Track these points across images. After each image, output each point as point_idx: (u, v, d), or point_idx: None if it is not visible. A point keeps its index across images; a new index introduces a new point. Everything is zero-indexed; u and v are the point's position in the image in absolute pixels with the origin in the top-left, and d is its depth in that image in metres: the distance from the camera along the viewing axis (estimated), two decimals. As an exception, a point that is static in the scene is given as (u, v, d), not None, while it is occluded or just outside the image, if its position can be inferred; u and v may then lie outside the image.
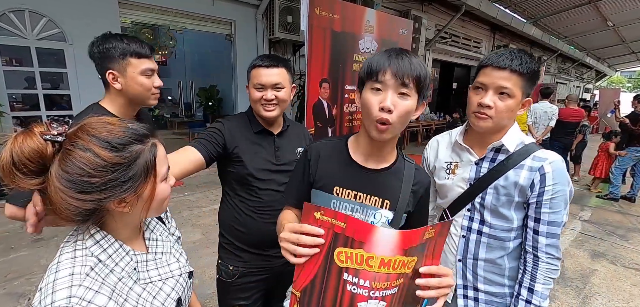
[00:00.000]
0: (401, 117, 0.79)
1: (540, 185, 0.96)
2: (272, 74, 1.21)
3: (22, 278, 2.51)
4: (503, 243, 1.05)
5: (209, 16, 4.78)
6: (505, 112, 0.96)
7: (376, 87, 0.79)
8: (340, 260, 0.66)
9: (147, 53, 1.18)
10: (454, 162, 1.12)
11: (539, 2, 8.24)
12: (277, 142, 1.30)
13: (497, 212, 1.03)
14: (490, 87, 0.97)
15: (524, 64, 0.94)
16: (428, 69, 0.84)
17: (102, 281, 0.61)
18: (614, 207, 4.91)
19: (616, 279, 2.99)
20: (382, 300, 0.67)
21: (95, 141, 0.57)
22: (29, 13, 3.57)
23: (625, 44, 12.89)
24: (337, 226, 0.66)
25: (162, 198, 0.68)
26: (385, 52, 0.82)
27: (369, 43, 4.47)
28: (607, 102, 11.42)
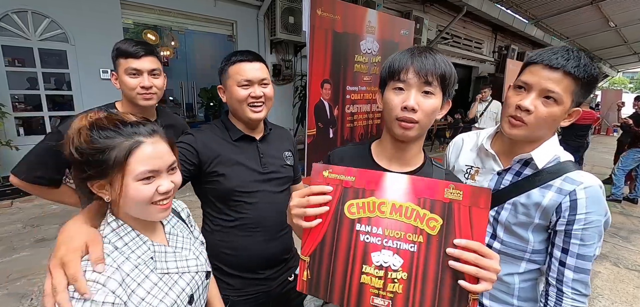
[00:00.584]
0: (427, 116, 0.76)
1: (570, 212, 0.82)
2: (257, 68, 1.10)
3: (24, 279, 2.52)
4: (515, 261, 0.94)
5: (210, 17, 4.79)
6: (547, 120, 0.82)
7: (399, 86, 0.76)
8: (351, 212, 0.66)
9: (135, 52, 1.18)
10: (475, 167, 1.02)
11: (541, 3, 8.22)
12: (260, 148, 1.17)
13: (511, 231, 0.92)
14: (535, 88, 0.82)
15: (582, 66, 0.79)
16: (454, 70, 0.79)
17: (117, 267, 0.64)
18: (616, 208, 4.89)
19: (619, 281, 2.98)
20: (397, 253, 0.63)
21: (87, 127, 0.64)
22: (31, 14, 3.59)
23: (627, 45, 12.84)
24: (346, 181, 0.66)
25: (134, 197, 0.65)
26: (407, 50, 0.78)
27: (371, 44, 4.47)
28: (609, 103, 11.39)
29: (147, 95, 1.22)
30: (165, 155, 0.69)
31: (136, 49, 1.18)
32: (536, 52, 0.87)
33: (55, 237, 1.07)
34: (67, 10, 3.72)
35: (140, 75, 1.20)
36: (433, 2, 7.31)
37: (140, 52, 1.19)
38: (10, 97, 3.76)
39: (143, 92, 1.21)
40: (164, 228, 0.82)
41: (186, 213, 0.95)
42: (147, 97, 1.22)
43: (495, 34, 9.92)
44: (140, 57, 1.19)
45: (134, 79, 1.19)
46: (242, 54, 1.11)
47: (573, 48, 0.84)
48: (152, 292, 0.68)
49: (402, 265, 0.63)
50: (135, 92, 1.20)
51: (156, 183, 0.67)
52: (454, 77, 0.78)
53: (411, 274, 0.62)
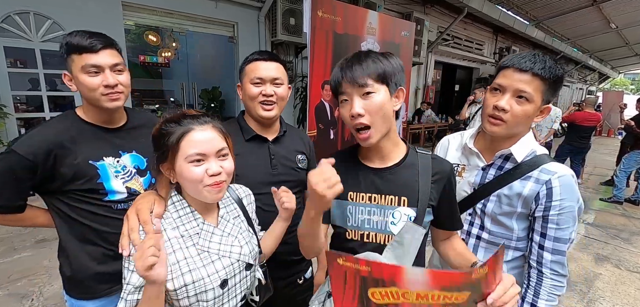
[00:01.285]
0: (374, 114, 0.79)
1: (546, 199, 0.92)
2: (271, 67, 1.12)
3: (25, 279, 2.52)
4: None
5: (211, 18, 4.80)
6: (521, 118, 0.92)
7: (343, 99, 0.82)
8: (376, 298, 0.65)
9: (91, 45, 0.96)
10: (461, 165, 1.11)
11: (542, 4, 8.22)
12: (272, 150, 1.17)
13: (497, 221, 1.01)
14: (509, 89, 0.92)
15: (548, 68, 0.89)
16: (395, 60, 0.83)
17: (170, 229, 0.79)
18: (617, 210, 4.87)
19: (621, 283, 2.97)
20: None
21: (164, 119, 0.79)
22: (33, 15, 3.60)
23: (628, 46, 12.82)
24: (363, 270, 0.64)
25: (187, 176, 0.76)
26: (340, 64, 0.83)
27: (371, 45, 4.48)
28: (610, 105, 11.37)
29: (114, 95, 1.01)
30: (213, 140, 0.78)
31: (92, 41, 0.96)
32: (508, 58, 0.96)
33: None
34: (69, 11, 3.73)
35: (102, 72, 0.98)
36: (434, 4, 7.31)
37: (97, 44, 0.97)
38: (12, 98, 3.78)
39: (108, 92, 1.00)
40: (218, 211, 0.90)
41: (248, 200, 1.01)
42: (113, 98, 1.01)
43: (496, 36, 9.91)
44: (98, 51, 0.97)
45: (94, 77, 0.98)
46: (260, 53, 1.14)
47: (539, 53, 0.93)
48: (187, 260, 0.77)
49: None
50: (98, 93, 0.99)
51: (206, 165, 0.77)
52: (393, 67, 0.81)
53: None
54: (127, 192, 1.07)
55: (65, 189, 0.99)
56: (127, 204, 1.06)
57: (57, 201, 1.02)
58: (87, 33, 0.98)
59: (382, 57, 0.82)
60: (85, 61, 0.97)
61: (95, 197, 1.02)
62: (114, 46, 1.04)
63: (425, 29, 6.93)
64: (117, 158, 1.07)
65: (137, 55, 8.11)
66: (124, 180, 1.07)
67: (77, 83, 1.00)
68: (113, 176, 1.04)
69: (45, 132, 0.97)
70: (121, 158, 1.08)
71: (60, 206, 1.03)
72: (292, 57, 5.65)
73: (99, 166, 1.02)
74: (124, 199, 1.06)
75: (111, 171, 1.04)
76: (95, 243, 1.05)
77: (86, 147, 1.01)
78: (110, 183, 1.03)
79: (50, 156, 0.95)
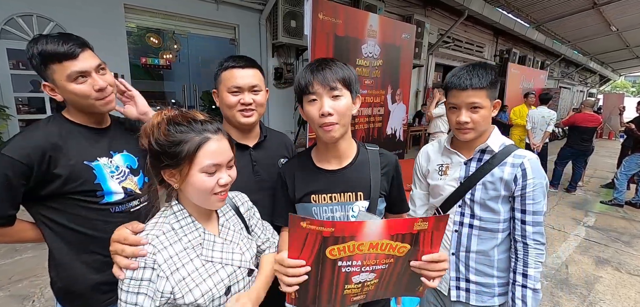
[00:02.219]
0: (342, 115, 0.90)
1: (522, 179, 1.07)
2: (249, 75, 1.09)
3: (26, 280, 2.53)
4: (493, 234, 1.14)
5: (213, 20, 4.82)
6: (482, 121, 1.08)
7: (312, 98, 0.90)
8: (333, 254, 0.74)
9: (71, 52, 0.90)
10: (445, 164, 1.23)
11: (542, 7, 8.23)
12: (253, 156, 1.15)
13: (486, 206, 1.13)
14: (462, 105, 1.08)
15: (482, 78, 1.05)
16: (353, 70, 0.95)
17: (169, 244, 0.76)
18: (618, 213, 4.87)
19: (621, 286, 2.96)
20: (372, 271, 0.78)
21: (165, 122, 0.75)
22: (36, 17, 3.63)
23: (629, 49, 12.82)
24: (325, 231, 0.71)
25: (199, 187, 0.75)
26: (307, 67, 0.92)
27: (372, 47, 4.49)
28: (611, 107, 11.36)
29: (108, 97, 1.00)
30: (226, 151, 0.79)
31: (69, 46, 0.90)
32: (448, 80, 1.12)
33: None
34: (71, 14, 3.76)
35: (89, 76, 0.94)
36: (434, 6, 7.33)
37: (75, 49, 0.91)
38: (15, 99, 3.80)
39: (101, 96, 0.97)
40: (218, 219, 0.89)
41: (246, 207, 1.00)
42: (108, 100, 1.00)
43: (497, 38, 9.93)
44: (78, 56, 0.92)
45: (83, 84, 0.93)
46: (235, 60, 1.10)
47: (470, 65, 1.08)
48: (192, 275, 0.76)
49: (375, 277, 0.79)
50: (92, 99, 0.96)
51: (217, 176, 0.77)
52: (355, 77, 0.94)
53: (382, 278, 0.80)
54: (124, 193, 1.03)
55: (60, 193, 0.93)
56: (125, 206, 1.03)
57: (48, 209, 0.96)
58: (57, 38, 0.90)
59: (345, 66, 0.93)
60: (70, 69, 0.91)
61: (92, 201, 0.97)
62: (89, 46, 0.98)
63: (426, 32, 6.94)
64: (109, 158, 1.04)
65: (138, 57, 8.14)
66: (119, 180, 1.03)
67: (65, 92, 0.94)
68: (109, 176, 1.01)
69: (35, 134, 0.92)
70: (113, 158, 1.05)
71: (51, 215, 0.96)
72: (293, 60, 5.66)
73: (94, 166, 0.98)
74: (121, 200, 1.02)
75: (107, 171, 1.01)
76: (93, 251, 0.99)
77: (79, 148, 0.97)
78: (107, 183, 0.99)
79: (44, 158, 0.90)
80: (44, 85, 0.95)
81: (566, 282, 2.95)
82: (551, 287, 2.87)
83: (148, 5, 4.24)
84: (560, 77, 14.77)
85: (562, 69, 14.82)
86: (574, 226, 4.26)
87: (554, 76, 14.08)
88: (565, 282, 2.95)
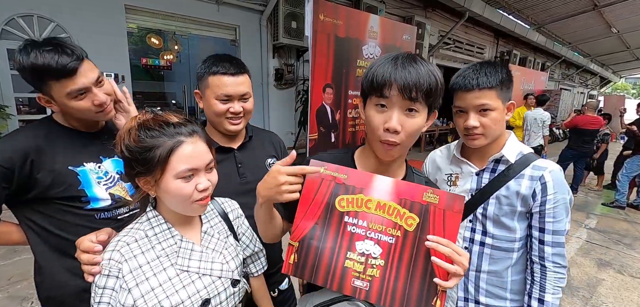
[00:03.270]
0: (410, 136, 0.74)
1: (542, 194, 0.95)
2: (239, 82, 1.05)
3: (25, 281, 2.52)
4: (507, 254, 1.03)
5: (214, 21, 4.82)
6: (493, 125, 0.96)
7: (381, 103, 0.73)
8: (341, 206, 0.74)
9: (70, 69, 0.86)
10: (454, 174, 1.12)
11: (543, 9, 8.23)
12: (238, 158, 1.12)
13: (500, 223, 1.02)
14: (469, 108, 0.97)
15: (491, 77, 0.94)
16: (441, 77, 0.76)
17: (141, 252, 0.72)
18: (620, 215, 4.85)
19: (624, 288, 2.95)
20: (377, 243, 0.72)
21: (136, 127, 0.70)
22: (37, 18, 3.62)
23: (629, 51, 12.82)
24: (339, 178, 0.74)
25: (176, 194, 0.71)
26: (391, 60, 0.73)
27: (373, 49, 4.49)
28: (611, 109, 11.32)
29: (108, 109, 0.99)
30: (203, 154, 0.74)
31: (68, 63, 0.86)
32: (453, 81, 1.01)
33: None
34: (72, 15, 3.75)
35: (89, 92, 0.92)
36: (435, 8, 7.33)
37: (74, 66, 0.87)
38: (15, 100, 3.79)
39: (101, 109, 0.96)
40: (201, 226, 0.84)
41: (235, 214, 0.95)
42: (107, 111, 0.99)
43: (497, 40, 9.92)
44: (76, 72, 0.88)
45: (83, 100, 0.91)
46: (224, 65, 1.03)
47: (477, 64, 0.97)
48: (164, 286, 0.71)
49: (381, 254, 0.72)
50: (92, 113, 0.95)
51: (195, 181, 0.72)
52: (440, 87, 0.75)
53: (387, 262, 0.72)
54: (111, 199, 0.99)
55: (43, 197, 0.91)
56: (111, 212, 0.99)
57: (32, 212, 0.94)
58: (51, 50, 0.84)
59: (433, 71, 0.73)
60: (69, 88, 0.87)
61: (76, 206, 0.94)
62: (86, 57, 0.93)
63: (427, 33, 6.94)
64: (98, 163, 1.00)
65: (139, 57, 8.15)
66: (107, 186, 1.00)
67: (64, 107, 0.91)
68: (95, 182, 0.97)
69: (19, 137, 0.90)
70: (103, 163, 1.01)
71: (35, 218, 0.94)
72: (293, 60, 5.66)
73: (79, 171, 0.95)
74: (108, 207, 0.99)
75: (93, 176, 0.97)
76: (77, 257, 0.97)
77: (65, 152, 0.94)
78: (92, 190, 0.96)
79: (26, 162, 0.87)
80: (39, 97, 0.92)
81: (568, 285, 2.93)
82: (553, 290, 2.85)
83: (149, 6, 4.24)
84: (561, 79, 14.77)
85: (563, 70, 14.82)
86: (575, 228, 4.25)
87: (555, 78, 14.07)
88: (567, 284, 2.93)
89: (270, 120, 5.58)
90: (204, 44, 8.98)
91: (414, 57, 0.74)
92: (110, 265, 0.69)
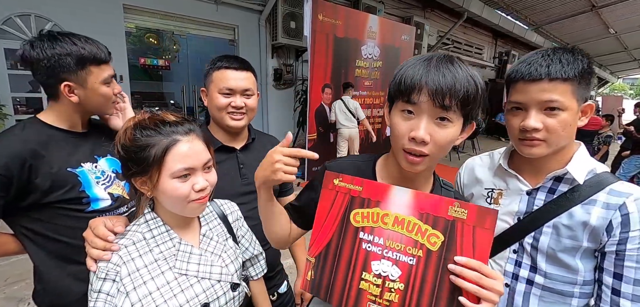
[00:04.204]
0: (440, 149, 0.65)
1: (622, 229, 0.72)
2: (242, 77, 1.06)
3: (22, 282, 2.50)
4: (564, 299, 0.80)
5: (212, 21, 4.81)
6: (562, 131, 0.74)
7: (408, 108, 0.64)
8: (356, 221, 0.68)
9: (107, 57, 0.97)
10: (497, 190, 0.90)
11: (541, 9, 8.26)
12: (240, 159, 1.12)
13: (556, 259, 0.79)
14: (531, 104, 0.75)
15: (567, 65, 0.73)
16: (481, 82, 0.66)
17: (139, 255, 0.70)
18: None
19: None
20: (396, 264, 0.64)
21: (132, 127, 0.69)
22: (34, 17, 3.61)
23: (627, 51, 12.88)
24: (354, 190, 0.68)
25: (172, 194, 0.69)
26: (424, 61, 0.64)
27: (372, 49, 4.49)
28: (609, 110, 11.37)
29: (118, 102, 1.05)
30: (200, 153, 0.72)
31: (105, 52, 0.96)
32: (514, 68, 0.80)
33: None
34: (70, 14, 3.74)
35: (111, 82, 0.99)
36: (434, 8, 7.34)
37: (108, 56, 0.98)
38: (12, 99, 3.78)
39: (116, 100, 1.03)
40: (200, 229, 0.82)
41: (235, 216, 0.93)
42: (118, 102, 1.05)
43: (496, 40, 9.95)
44: (109, 62, 0.99)
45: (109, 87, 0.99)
46: (229, 60, 1.06)
47: (549, 50, 0.77)
48: (162, 290, 0.69)
49: (400, 276, 0.63)
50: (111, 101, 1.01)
51: (192, 181, 0.71)
52: (480, 94, 0.64)
53: (408, 286, 0.63)
54: (111, 199, 0.98)
55: (43, 202, 0.88)
56: (112, 213, 0.98)
57: (28, 221, 0.90)
58: (89, 41, 0.93)
59: (472, 75, 0.64)
60: (107, 73, 0.96)
61: (77, 209, 0.92)
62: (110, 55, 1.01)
63: (425, 33, 6.95)
64: (94, 163, 0.98)
65: (137, 57, 8.13)
66: (105, 185, 0.98)
67: (93, 93, 0.94)
68: (94, 182, 0.95)
69: (11, 142, 0.86)
70: (98, 163, 0.99)
71: (32, 226, 0.91)
72: (292, 60, 5.66)
73: (78, 172, 0.93)
74: (108, 207, 0.97)
75: (92, 176, 0.95)
76: (79, 262, 0.90)
77: (61, 154, 0.92)
78: (93, 190, 0.94)
79: (24, 167, 0.84)
80: (65, 84, 0.90)
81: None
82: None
83: (147, 5, 4.23)
84: (559, 79, 14.80)
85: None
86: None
87: (553, 78, 14.11)
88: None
89: (268, 121, 5.57)
90: (202, 44, 8.97)
91: (451, 58, 0.64)
92: (108, 268, 0.67)
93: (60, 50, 0.88)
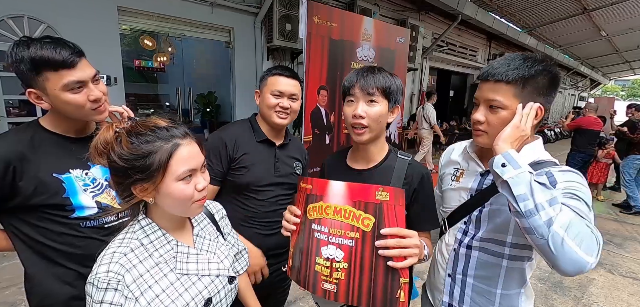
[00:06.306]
0: (373, 120, 0.95)
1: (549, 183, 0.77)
2: (291, 84, 1.27)
3: (13, 287, 2.47)
4: (496, 260, 0.94)
5: (208, 23, 4.80)
6: (500, 126, 0.83)
7: (350, 99, 0.98)
8: (310, 214, 0.83)
9: (67, 61, 0.86)
10: (460, 169, 1.06)
11: (534, 12, 8.36)
12: (277, 154, 1.32)
13: (493, 228, 0.93)
14: (481, 100, 0.90)
15: (511, 70, 0.82)
16: (399, 81, 0.98)
17: (139, 262, 0.70)
18: (610, 215, 4.93)
19: (614, 288, 2.99)
20: (339, 247, 0.78)
21: (125, 134, 0.69)
22: (27, 19, 3.58)
23: (618, 54, 13.07)
24: (307, 188, 0.84)
25: (178, 196, 0.71)
26: (356, 71, 0.98)
27: (367, 51, 4.51)
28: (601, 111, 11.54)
29: (101, 107, 0.96)
30: (198, 155, 0.75)
31: (68, 55, 0.86)
32: (482, 70, 0.93)
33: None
34: (63, 16, 3.71)
35: (85, 87, 0.91)
36: (428, 11, 7.39)
37: (74, 58, 0.88)
38: (5, 102, 3.74)
39: (95, 106, 0.93)
40: (193, 230, 0.85)
41: (220, 215, 0.98)
42: (102, 110, 0.97)
43: (490, 42, 10.05)
44: (75, 66, 0.88)
45: (78, 94, 0.89)
46: (283, 70, 1.29)
47: (511, 55, 0.88)
48: (167, 291, 0.72)
49: (343, 257, 0.78)
50: (86, 109, 0.92)
51: (194, 181, 0.73)
52: (397, 87, 0.96)
53: (351, 264, 0.77)
54: (97, 207, 0.96)
55: (26, 205, 0.89)
56: (97, 221, 0.97)
57: (17, 221, 0.92)
58: (51, 43, 0.85)
59: (390, 76, 0.97)
60: (67, 79, 0.86)
61: (60, 215, 0.92)
62: (84, 54, 0.93)
63: (420, 36, 7.00)
64: (85, 170, 0.97)
65: (132, 59, 8.07)
66: (94, 194, 0.97)
67: (56, 101, 0.88)
68: (81, 190, 0.94)
69: (2, 144, 0.88)
70: (90, 170, 0.98)
71: (20, 226, 0.92)
72: (288, 62, 5.66)
73: (64, 179, 0.92)
74: (93, 215, 0.96)
75: (79, 184, 0.94)
76: (64, 265, 0.95)
77: (49, 159, 0.91)
78: (77, 198, 0.93)
79: (8, 170, 0.85)
80: (30, 92, 0.88)
81: (560, 285, 2.97)
82: (545, 290, 2.88)
83: (142, 7, 4.20)
84: (552, 81, 14.95)
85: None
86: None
87: (546, 80, 14.25)
88: (559, 284, 2.97)
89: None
90: (198, 46, 8.93)
91: (376, 68, 0.98)
92: (109, 277, 0.65)
93: (19, 56, 0.84)
